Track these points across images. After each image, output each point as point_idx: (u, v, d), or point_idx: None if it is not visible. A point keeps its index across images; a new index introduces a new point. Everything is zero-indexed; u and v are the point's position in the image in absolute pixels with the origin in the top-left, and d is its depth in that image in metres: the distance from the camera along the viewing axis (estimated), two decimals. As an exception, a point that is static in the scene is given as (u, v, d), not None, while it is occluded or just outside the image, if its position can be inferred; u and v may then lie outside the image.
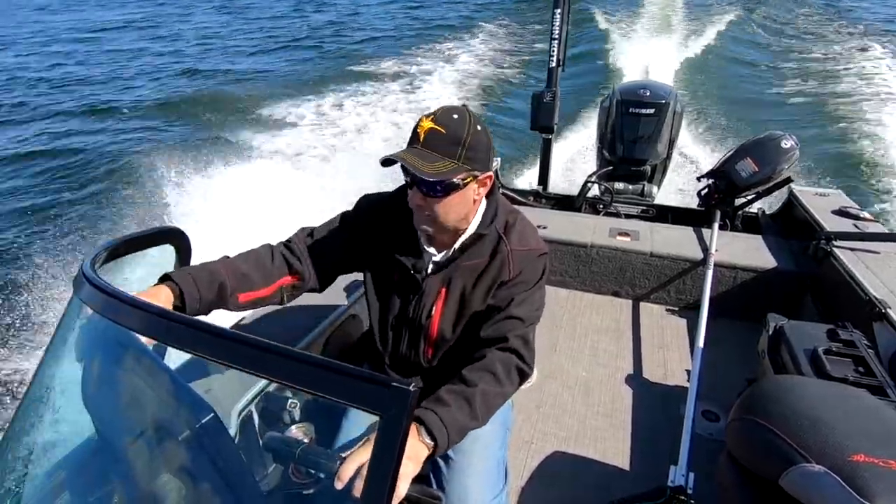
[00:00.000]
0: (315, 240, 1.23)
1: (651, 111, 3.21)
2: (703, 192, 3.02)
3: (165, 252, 1.13)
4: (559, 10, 3.10)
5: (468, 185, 1.08)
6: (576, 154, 6.25)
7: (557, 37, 3.13)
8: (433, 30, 14.66)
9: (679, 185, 5.05)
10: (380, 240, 1.22)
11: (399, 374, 1.27)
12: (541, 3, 14.91)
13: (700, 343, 2.06)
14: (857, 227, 2.46)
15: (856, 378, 1.38)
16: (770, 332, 1.66)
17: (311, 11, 18.48)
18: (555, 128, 3.31)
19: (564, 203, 3.40)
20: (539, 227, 2.65)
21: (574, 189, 3.46)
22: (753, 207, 3.10)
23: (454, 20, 15.78)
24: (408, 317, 1.22)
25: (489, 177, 1.12)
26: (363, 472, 0.71)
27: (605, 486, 1.67)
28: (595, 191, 3.33)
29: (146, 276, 1.06)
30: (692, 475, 1.51)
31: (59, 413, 0.95)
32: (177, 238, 1.15)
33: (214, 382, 1.35)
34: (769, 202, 3.30)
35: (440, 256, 1.19)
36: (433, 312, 1.19)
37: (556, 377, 2.16)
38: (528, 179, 5.50)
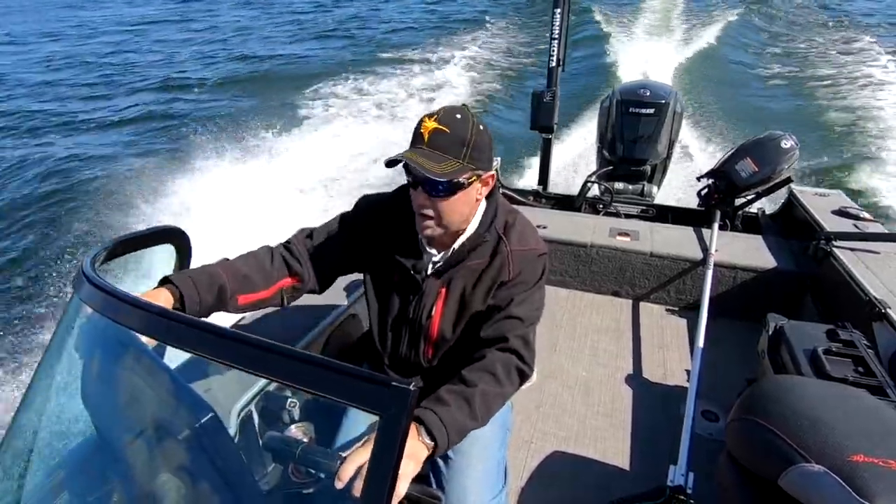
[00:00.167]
0: (314, 241, 1.23)
1: (651, 111, 3.20)
2: (703, 192, 3.02)
3: (165, 252, 1.14)
4: (559, 10, 3.10)
5: (472, 185, 1.08)
6: (577, 154, 6.25)
7: (557, 36, 3.13)
8: (431, 29, 14.76)
9: (679, 185, 5.04)
10: (380, 241, 1.22)
11: (399, 374, 1.27)
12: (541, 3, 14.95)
13: (700, 343, 2.06)
14: (857, 227, 2.46)
15: (856, 378, 1.38)
16: (770, 332, 1.66)
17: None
18: (555, 127, 3.31)
19: (564, 203, 3.40)
20: (539, 227, 2.65)
21: (574, 189, 3.46)
22: (753, 207, 3.09)
23: (438, 21, 16.02)
24: (408, 317, 1.22)
25: (492, 176, 1.12)
26: (363, 472, 0.71)
27: (605, 486, 1.67)
28: (595, 191, 3.33)
29: (146, 276, 1.07)
30: (692, 475, 1.51)
31: (59, 412, 0.95)
32: (177, 238, 1.15)
33: (214, 382, 1.35)
34: (769, 202, 3.30)
35: (440, 257, 1.19)
36: (433, 313, 1.19)
37: (556, 377, 2.16)
38: (528, 180, 5.51)
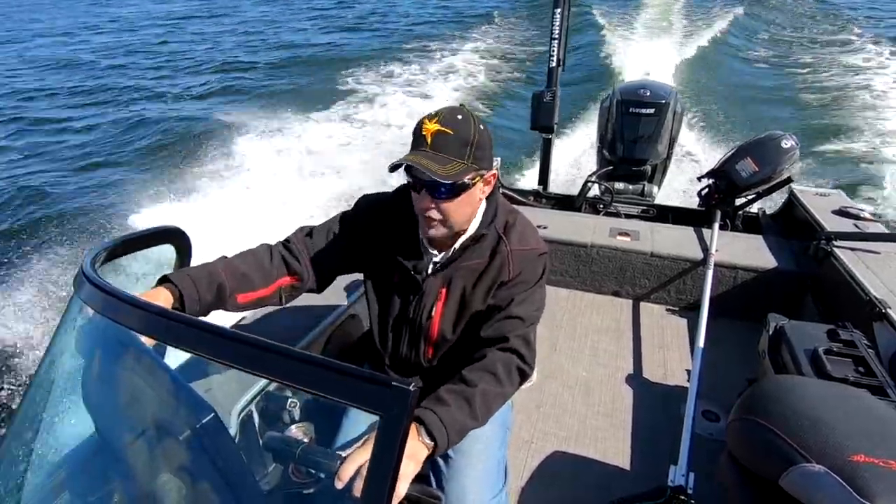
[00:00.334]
0: (314, 240, 1.22)
1: (651, 111, 3.20)
2: (704, 192, 3.01)
3: (165, 252, 1.13)
4: (559, 10, 3.10)
5: (476, 185, 1.08)
6: (576, 154, 6.25)
7: (557, 36, 3.13)
8: (426, 28, 14.81)
9: (679, 185, 5.04)
10: (380, 241, 1.22)
11: (399, 374, 1.27)
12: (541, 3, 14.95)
13: (700, 343, 2.05)
14: (858, 227, 2.46)
15: (856, 378, 1.38)
16: (770, 332, 1.66)
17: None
18: (555, 127, 3.31)
19: (564, 203, 3.40)
20: (539, 227, 2.65)
21: (574, 189, 3.46)
22: (754, 207, 3.09)
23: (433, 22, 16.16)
24: (408, 317, 1.22)
25: (493, 175, 1.12)
26: (363, 472, 0.71)
27: (605, 486, 1.67)
28: (595, 191, 3.33)
29: (146, 276, 1.06)
30: (692, 475, 1.51)
31: (60, 412, 0.95)
32: (177, 238, 1.15)
33: (214, 382, 1.35)
34: (769, 202, 3.30)
35: (440, 257, 1.19)
36: (433, 313, 1.19)
37: (557, 377, 2.16)
38: (528, 180, 5.51)
